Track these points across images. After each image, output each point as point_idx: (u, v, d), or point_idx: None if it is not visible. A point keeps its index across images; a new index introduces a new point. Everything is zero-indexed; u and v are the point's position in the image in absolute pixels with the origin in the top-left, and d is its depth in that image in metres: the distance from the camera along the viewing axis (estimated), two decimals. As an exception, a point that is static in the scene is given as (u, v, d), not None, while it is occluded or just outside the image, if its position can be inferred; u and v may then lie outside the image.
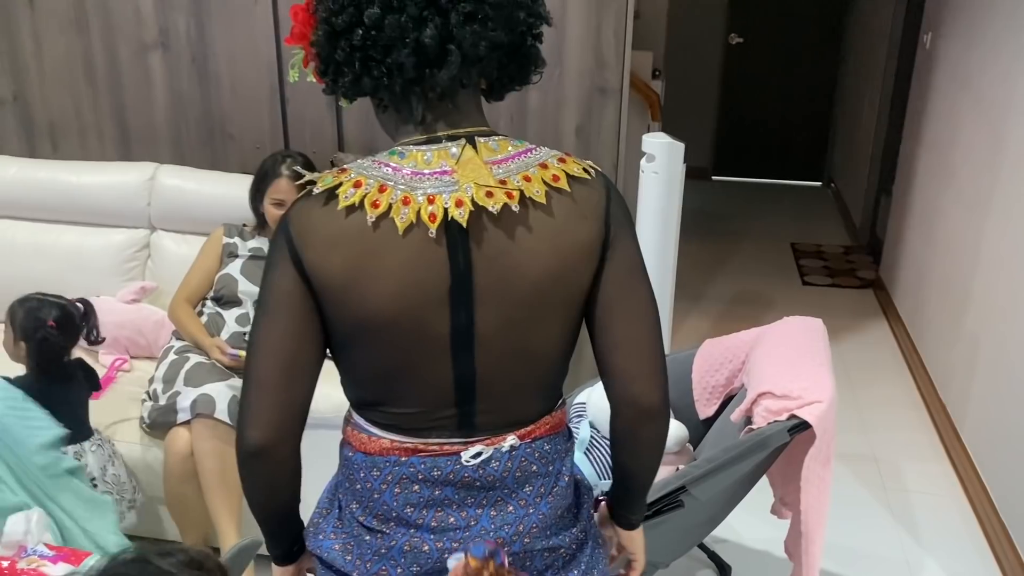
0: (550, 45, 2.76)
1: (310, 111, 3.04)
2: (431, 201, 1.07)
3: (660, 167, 2.71)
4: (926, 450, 3.23)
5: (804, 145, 6.79)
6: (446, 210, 1.07)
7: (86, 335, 2.25)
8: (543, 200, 1.10)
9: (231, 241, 2.60)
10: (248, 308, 2.56)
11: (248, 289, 2.54)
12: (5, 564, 1.77)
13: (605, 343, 1.19)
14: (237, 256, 2.58)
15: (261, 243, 2.60)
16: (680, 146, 2.71)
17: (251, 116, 3.08)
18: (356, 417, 1.23)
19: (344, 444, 1.26)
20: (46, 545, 1.85)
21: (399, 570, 1.20)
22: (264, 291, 1.14)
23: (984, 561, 2.64)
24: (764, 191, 6.69)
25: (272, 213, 2.50)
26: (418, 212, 1.07)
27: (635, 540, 1.38)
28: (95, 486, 2.15)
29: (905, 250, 4.21)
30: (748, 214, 6.13)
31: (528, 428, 1.21)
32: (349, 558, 1.23)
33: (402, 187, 1.08)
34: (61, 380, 2.17)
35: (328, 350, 1.18)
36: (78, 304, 2.25)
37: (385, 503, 1.19)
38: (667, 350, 2.88)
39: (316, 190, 1.10)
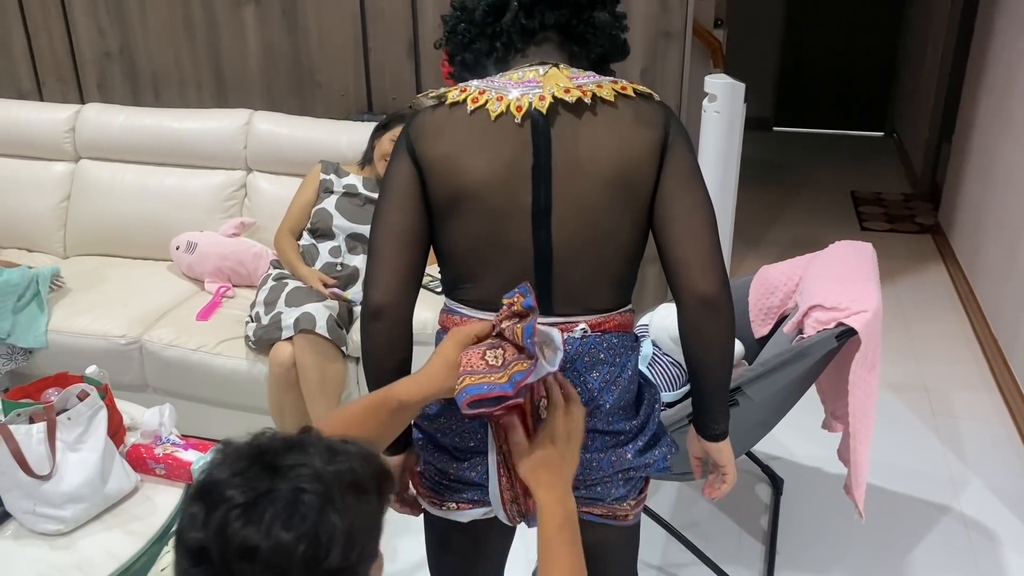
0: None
1: (390, 60, 3.26)
2: (519, 99, 1.33)
3: (722, 107, 2.87)
4: (976, 381, 3.36)
5: (867, 95, 6.79)
6: (530, 103, 1.32)
7: None
8: (612, 100, 1.33)
9: (327, 177, 2.85)
10: (341, 242, 2.80)
11: (342, 224, 2.78)
12: (144, 450, 2.06)
13: (666, 238, 1.37)
14: (333, 192, 2.82)
15: (355, 180, 2.84)
16: (741, 86, 2.86)
17: (337, 65, 3.31)
18: (450, 303, 1.44)
19: (440, 332, 1.47)
20: (177, 435, 2.13)
21: (479, 436, 1.40)
22: (385, 179, 1.39)
23: (1028, 480, 2.79)
24: (825, 141, 6.73)
25: (386, 148, 2.75)
26: (508, 105, 1.32)
27: (723, 452, 1.46)
28: None
29: (963, 194, 4.29)
30: (808, 163, 6.20)
31: (599, 319, 1.39)
32: (436, 426, 1.44)
33: (497, 90, 1.35)
34: None
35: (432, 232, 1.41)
36: None
37: None
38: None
39: (431, 94, 1.37)
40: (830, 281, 2.14)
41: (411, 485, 1.54)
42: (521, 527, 1.48)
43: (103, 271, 3.19)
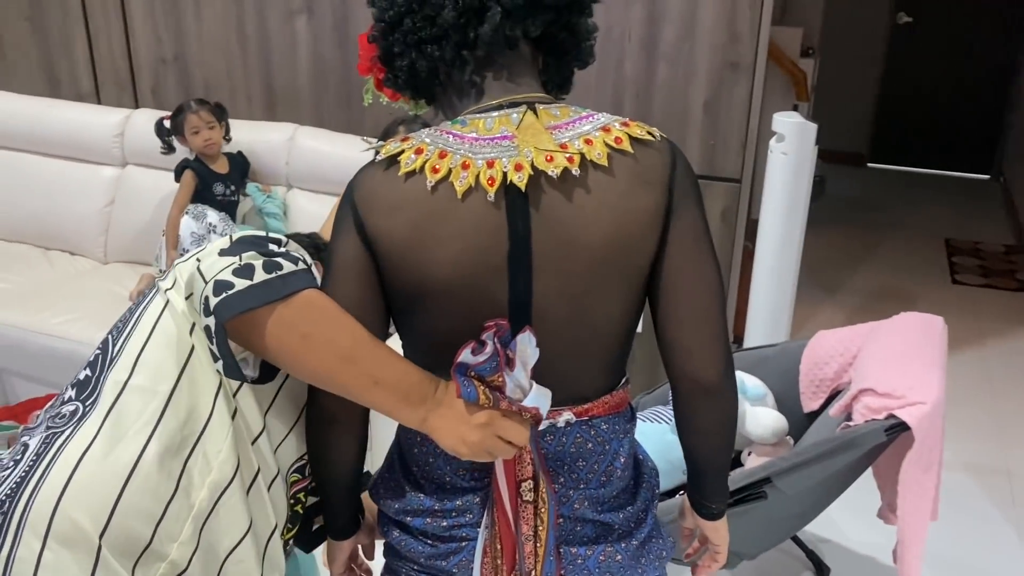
0: (681, 16, 2.69)
1: (442, 79, 3.11)
2: (490, 165, 1.07)
3: (790, 148, 2.61)
4: (1069, 469, 2.99)
5: (973, 135, 6.32)
6: (505, 174, 1.06)
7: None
8: (604, 163, 1.08)
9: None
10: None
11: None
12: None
13: (664, 315, 1.15)
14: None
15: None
16: (812, 127, 2.59)
17: (386, 81, 3.17)
18: None
19: None
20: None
21: (446, 522, 1.21)
22: (330, 258, 1.15)
23: (1120, 594, 2.43)
24: (924, 181, 6.28)
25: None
26: (477, 176, 1.07)
27: (718, 531, 1.31)
28: None
29: (1071, 253, 3.88)
30: (902, 205, 5.78)
31: (586, 406, 1.18)
32: (402, 509, 1.25)
33: (462, 153, 1.08)
34: None
35: (391, 318, 1.19)
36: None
37: (439, 468, 1.20)
38: (786, 338, 2.79)
39: (379, 157, 1.11)
40: (888, 360, 1.87)
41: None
42: None
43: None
